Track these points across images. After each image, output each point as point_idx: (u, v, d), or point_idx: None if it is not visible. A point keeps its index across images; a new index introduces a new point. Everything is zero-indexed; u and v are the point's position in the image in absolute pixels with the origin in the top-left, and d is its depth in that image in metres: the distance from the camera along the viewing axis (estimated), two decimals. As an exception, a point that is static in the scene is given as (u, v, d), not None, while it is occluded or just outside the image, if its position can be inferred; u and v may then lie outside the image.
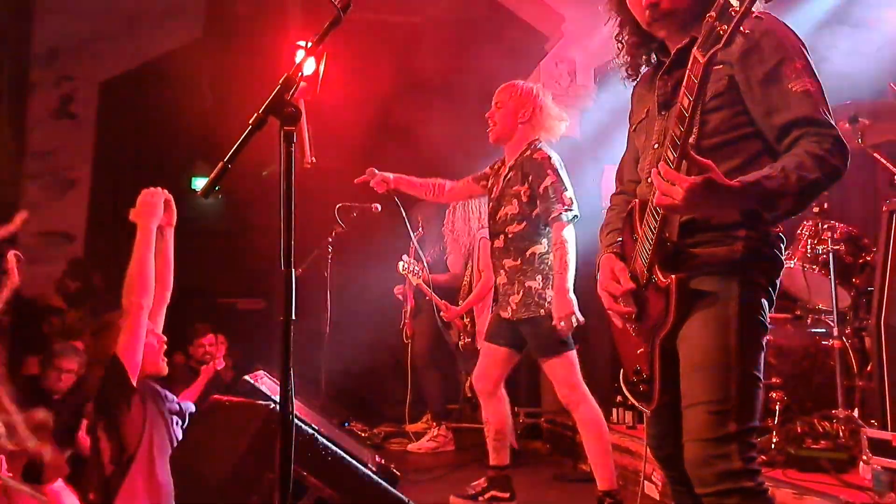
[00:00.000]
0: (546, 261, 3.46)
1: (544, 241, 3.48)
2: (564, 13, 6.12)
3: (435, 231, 5.82)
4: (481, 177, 3.84)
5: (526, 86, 3.61)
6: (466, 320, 5.24)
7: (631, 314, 1.83)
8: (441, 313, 5.18)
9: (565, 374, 3.50)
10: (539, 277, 3.45)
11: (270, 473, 2.12)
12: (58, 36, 7.35)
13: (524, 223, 3.46)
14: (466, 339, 5.27)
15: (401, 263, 5.11)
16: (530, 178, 3.43)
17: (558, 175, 3.41)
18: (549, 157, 3.43)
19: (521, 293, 3.46)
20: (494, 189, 3.64)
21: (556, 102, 6.03)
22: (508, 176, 3.55)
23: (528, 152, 3.48)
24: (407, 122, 6.36)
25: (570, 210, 3.39)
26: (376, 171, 3.88)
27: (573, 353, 3.54)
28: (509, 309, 3.51)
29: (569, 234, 3.39)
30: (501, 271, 3.56)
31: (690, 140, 1.58)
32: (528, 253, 3.47)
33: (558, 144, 3.63)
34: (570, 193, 3.42)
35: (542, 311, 3.41)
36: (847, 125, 3.48)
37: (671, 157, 1.58)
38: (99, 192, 7.48)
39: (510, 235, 3.50)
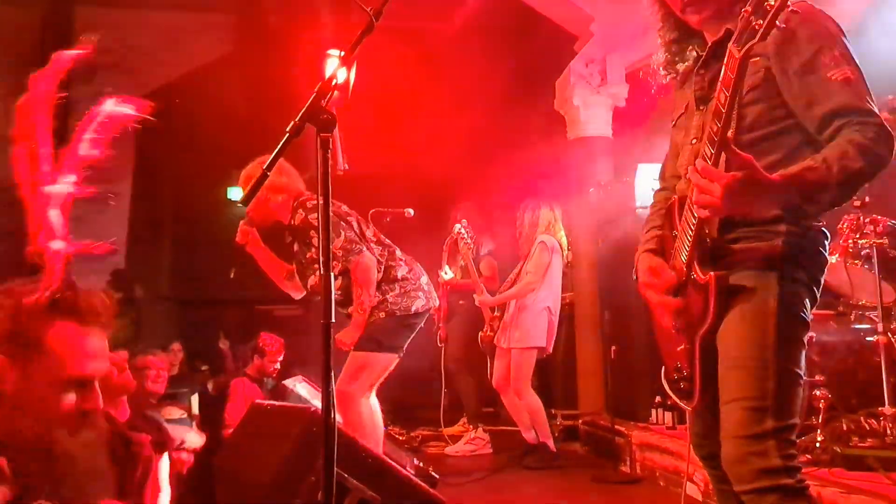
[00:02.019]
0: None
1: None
2: (593, 13, 6.09)
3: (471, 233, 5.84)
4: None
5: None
6: (497, 313, 5.25)
7: (679, 307, 1.80)
8: (475, 295, 5.25)
9: (359, 368, 3.64)
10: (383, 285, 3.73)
11: (313, 476, 2.15)
12: (96, 52, 7.54)
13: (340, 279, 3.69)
14: (488, 332, 5.28)
15: (458, 226, 5.22)
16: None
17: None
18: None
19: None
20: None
21: (588, 102, 6.03)
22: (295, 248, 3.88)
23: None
24: (437, 128, 6.39)
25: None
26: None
27: (386, 357, 3.71)
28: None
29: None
30: None
31: (729, 135, 1.55)
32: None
33: (591, 144, 3.65)
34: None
35: (384, 313, 3.67)
36: (889, 115, 3.40)
37: (709, 154, 1.56)
38: (139, 204, 7.65)
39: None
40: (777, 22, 1.39)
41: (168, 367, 4.35)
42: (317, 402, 3.72)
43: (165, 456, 2.70)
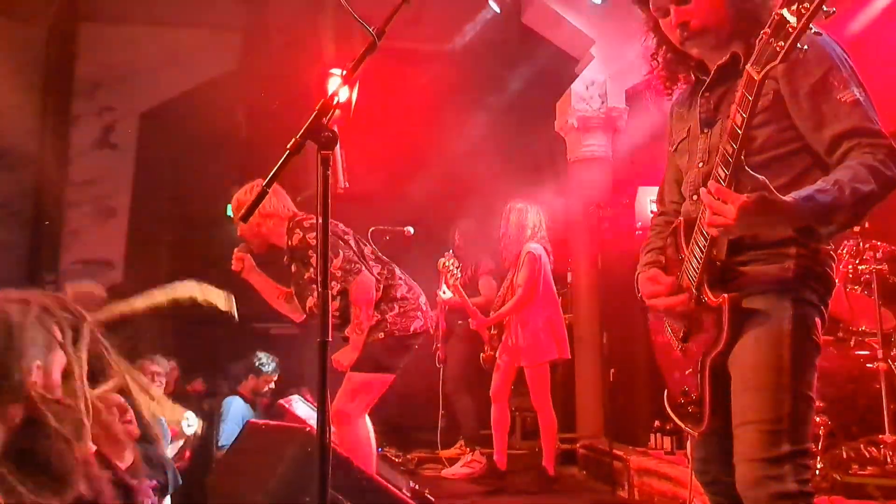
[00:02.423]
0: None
1: None
2: (594, 36, 6.14)
3: (471, 252, 5.83)
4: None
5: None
6: (494, 332, 5.20)
7: (682, 305, 1.78)
8: (470, 320, 5.18)
9: (356, 389, 3.60)
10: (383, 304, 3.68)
11: (307, 497, 2.12)
12: (100, 68, 7.58)
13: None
14: (489, 352, 5.23)
15: (442, 259, 5.09)
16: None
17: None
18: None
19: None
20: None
21: (588, 124, 6.01)
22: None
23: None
24: (437, 148, 6.41)
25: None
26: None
27: (383, 378, 3.68)
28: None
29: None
30: None
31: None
32: None
33: (591, 165, 3.66)
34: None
35: (382, 333, 3.61)
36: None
37: (722, 175, 1.56)
38: (138, 219, 7.65)
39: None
40: (798, 44, 1.39)
41: (173, 374, 4.32)
42: (313, 422, 3.69)
43: (168, 499, 2.64)
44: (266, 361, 5.29)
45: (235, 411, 4.91)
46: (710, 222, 1.55)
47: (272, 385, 5.22)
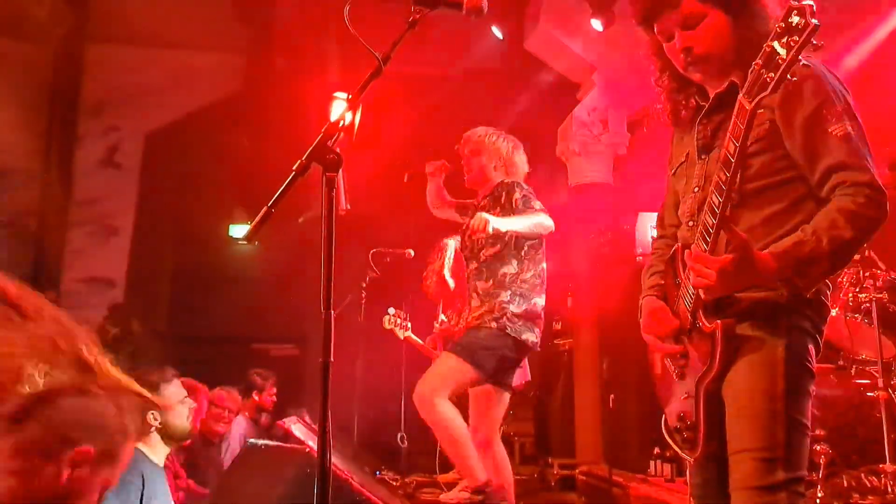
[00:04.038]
0: (516, 280, 3.45)
1: (514, 262, 3.48)
2: (595, 63, 6.20)
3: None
4: (462, 209, 3.89)
5: (492, 137, 3.79)
6: None
7: (679, 353, 1.82)
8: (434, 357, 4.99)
9: (445, 372, 3.35)
10: (507, 294, 3.41)
11: (305, 519, 2.11)
12: (106, 89, 7.66)
13: (497, 245, 3.47)
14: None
15: (386, 318, 4.95)
16: (502, 199, 3.50)
17: (527, 190, 3.52)
18: (518, 182, 3.58)
19: (486, 306, 3.43)
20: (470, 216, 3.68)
21: (590, 150, 5.97)
22: (482, 204, 3.62)
23: (499, 185, 3.60)
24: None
25: (543, 211, 3.45)
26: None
27: (472, 373, 3.34)
28: (465, 320, 3.53)
29: (544, 218, 3.43)
30: (475, 294, 3.54)
31: (727, 213, 1.60)
32: (499, 274, 3.47)
33: (592, 191, 3.68)
34: (539, 205, 3.46)
35: (495, 324, 3.35)
36: (889, 171, 3.45)
37: (716, 202, 1.60)
38: (140, 239, 7.68)
39: (483, 259, 3.52)
40: (788, 76, 1.42)
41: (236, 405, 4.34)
42: (311, 443, 3.67)
43: None
44: (265, 376, 5.32)
45: (236, 430, 4.91)
46: (694, 283, 1.65)
47: (274, 398, 5.21)
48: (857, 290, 3.62)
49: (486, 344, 3.33)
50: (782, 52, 1.41)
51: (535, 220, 3.39)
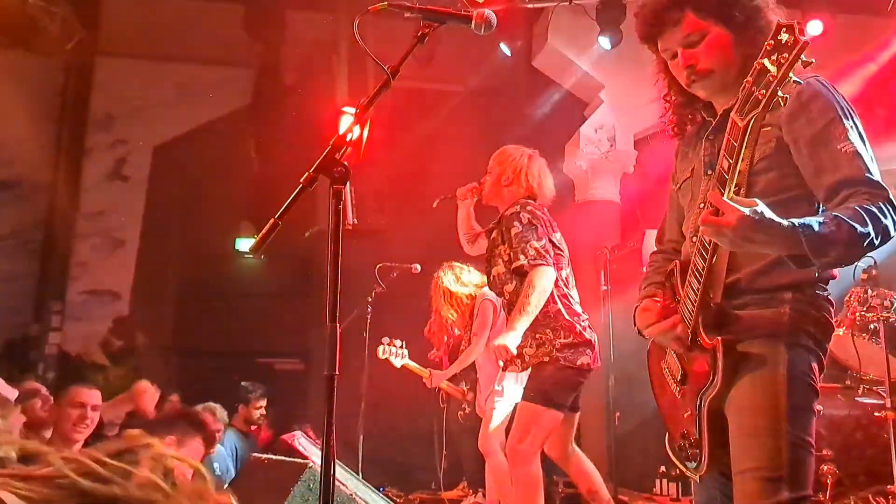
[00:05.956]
0: (549, 314, 3.40)
1: None
2: (603, 80, 6.23)
3: None
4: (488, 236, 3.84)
5: (511, 152, 3.72)
6: (466, 388, 5.02)
7: (676, 325, 1.77)
8: (424, 380, 4.92)
9: (528, 423, 3.35)
10: (549, 330, 3.38)
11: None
12: (115, 102, 7.72)
13: (514, 282, 3.44)
14: (467, 409, 5.01)
15: (380, 348, 4.84)
16: (505, 233, 3.46)
17: (524, 226, 3.40)
18: (517, 211, 3.44)
19: (534, 346, 3.39)
20: (487, 249, 3.68)
21: (597, 167, 5.92)
22: (493, 235, 3.60)
23: (507, 210, 3.52)
24: (445, 186, 6.44)
25: (536, 261, 3.32)
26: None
27: (552, 414, 3.37)
28: (521, 362, 3.44)
29: (538, 279, 3.31)
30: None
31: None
32: None
33: (599, 208, 3.65)
34: (537, 244, 3.35)
35: (548, 358, 3.34)
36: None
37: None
38: (146, 252, 7.70)
39: (507, 296, 3.50)
40: (779, 92, 1.43)
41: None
42: (315, 458, 3.65)
43: None
44: (251, 388, 5.32)
45: (227, 442, 4.90)
46: (703, 219, 1.54)
47: (263, 411, 5.20)
48: (865, 309, 3.61)
49: (555, 380, 3.33)
50: (773, 69, 1.42)
51: (536, 297, 3.29)
